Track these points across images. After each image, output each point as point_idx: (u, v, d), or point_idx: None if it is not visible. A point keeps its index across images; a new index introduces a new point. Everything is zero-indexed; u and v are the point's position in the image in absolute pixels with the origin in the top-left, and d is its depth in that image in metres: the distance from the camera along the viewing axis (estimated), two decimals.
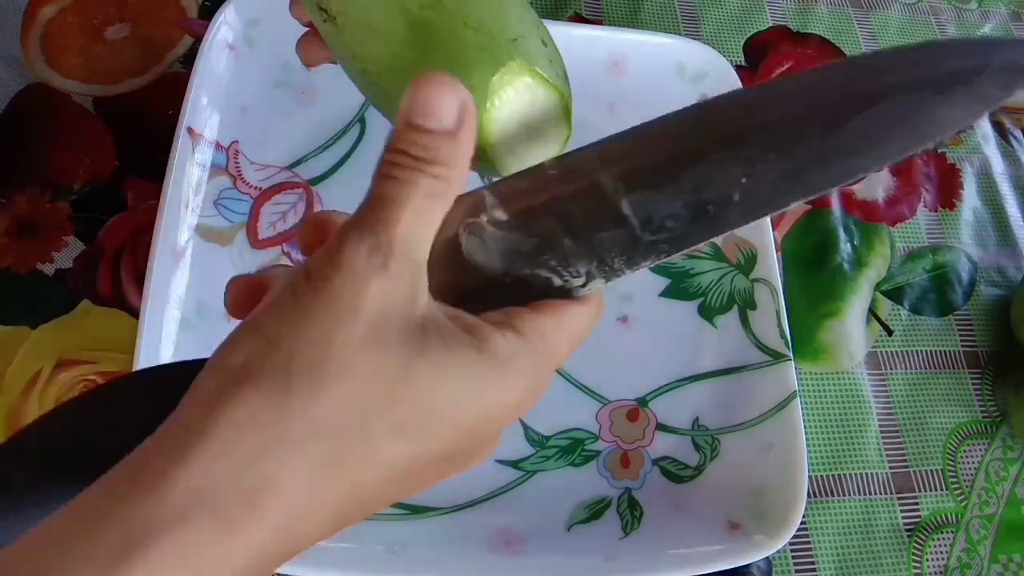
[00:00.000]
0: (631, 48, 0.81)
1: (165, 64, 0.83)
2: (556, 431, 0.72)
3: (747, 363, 0.74)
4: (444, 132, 0.35)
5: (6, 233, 0.73)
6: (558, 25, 0.77)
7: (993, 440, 0.82)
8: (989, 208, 0.94)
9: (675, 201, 0.38)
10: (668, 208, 0.38)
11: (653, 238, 0.38)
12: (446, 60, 0.41)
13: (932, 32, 1.05)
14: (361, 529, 0.64)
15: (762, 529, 0.66)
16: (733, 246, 0.79)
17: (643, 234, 0.38)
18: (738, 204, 0.38)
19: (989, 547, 0.77)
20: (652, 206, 0.38)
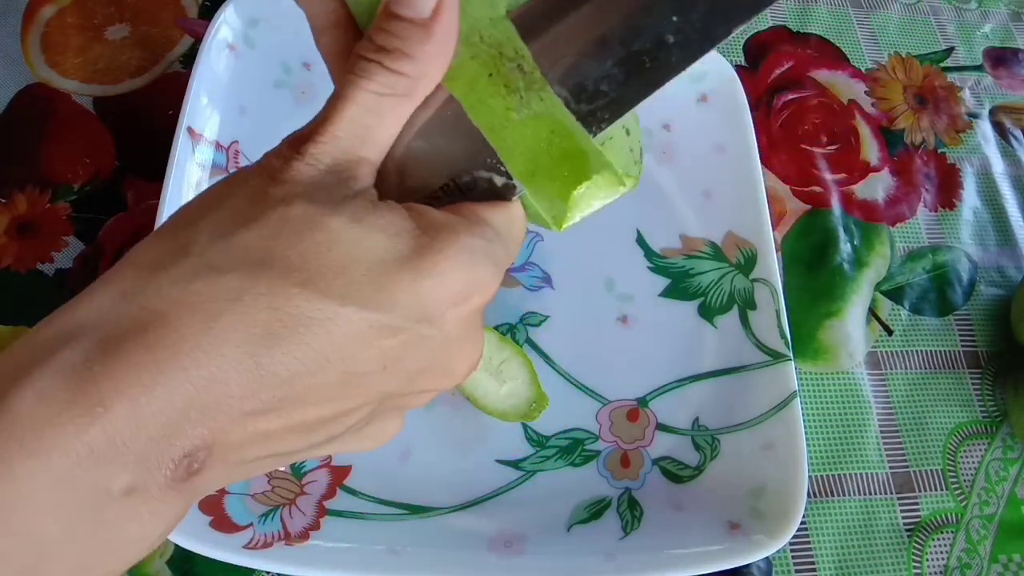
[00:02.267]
0: None
1: (165, 64, 0.83)
2: (556, 431, 0.72)
3: (747, 363, 0.74)
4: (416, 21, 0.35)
5: (6, 233, 0.73)
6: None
7: (993, 440, 0.81)
8: (989, 208, 0.94)
9: (604, 62, 0.37)
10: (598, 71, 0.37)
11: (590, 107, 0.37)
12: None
13: (932, 32, 1.05)
14: (361, 529, 0.65)
15: (762, 529, 0.66)
16: (733, 246, 0.79)
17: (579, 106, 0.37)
18: (674, 45, 0.36)
19: (989, 547, 0.77)
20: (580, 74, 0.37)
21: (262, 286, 0.31)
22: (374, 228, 0.33)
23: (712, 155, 0.82)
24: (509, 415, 0.69)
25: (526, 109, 0.36)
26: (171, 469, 0.30)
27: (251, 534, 0.61)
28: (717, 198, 0.81)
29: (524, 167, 0.37)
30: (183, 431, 0.30)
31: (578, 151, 0.36)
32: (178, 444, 0.30)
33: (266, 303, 0.31)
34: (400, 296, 0.33)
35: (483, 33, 0.37)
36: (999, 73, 1.03)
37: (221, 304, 0.30)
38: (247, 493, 0.64)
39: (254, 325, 0.31)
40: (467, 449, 0.70)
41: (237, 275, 0.31)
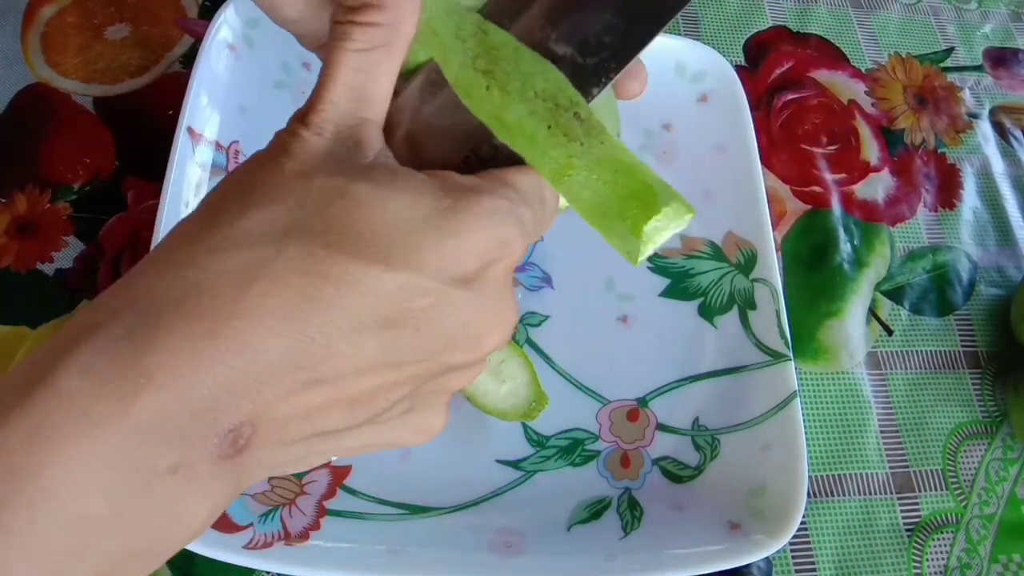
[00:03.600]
0: None
1: (165, 64, 0.83)
2: (556, 431, 0.72)
3: (747, 363, 0.74)
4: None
5: (6, 233, 0.73)
6: None
7: (993, 440, 0.81)
8: (989, 208, 0.94)
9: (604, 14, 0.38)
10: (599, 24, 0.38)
11: (596, 60, 0.38)
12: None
13: (932, 32, 1.05)
14: (361, 529, 0.65)
15: (762, 529, 0.66)
16: (733, 245, 0.79)
17: (585, 61, 0.38)
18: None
19: (989, 547, 0.77)
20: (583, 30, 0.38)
21: (291, 251, 0.32)
22: (396, 191, 0.34)
23: (712, 155, 0.82)
24: (509, 415, 0.69)
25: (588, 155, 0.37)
26: (216, 445, 0.31)
27: (251, 534, 0.61)
28: (717, 198, 0.81)
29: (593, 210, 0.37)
30: (226, 404, 0.30)
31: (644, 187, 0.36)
32: (222, 419, 0.31)
33: (296, 267, 0.31)
34: (426, 255, 0.33)
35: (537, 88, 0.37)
36: (999, 73, 1.03)
37: (253, 271, 0.31)
38: (247, 493, 0.64)
39: (286, 289, 0.31)
40: (467, 449, 0.70)
41: (266, 244, 0.32)
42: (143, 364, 0.29)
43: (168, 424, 0.29)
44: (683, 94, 0.83)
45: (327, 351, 0.32)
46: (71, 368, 0.29)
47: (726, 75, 0.82)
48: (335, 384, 0.33)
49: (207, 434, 0.30)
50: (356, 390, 0.34)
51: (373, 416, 0.36)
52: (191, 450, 0.30)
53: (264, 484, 0.65)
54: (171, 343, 0.29)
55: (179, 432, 0.30)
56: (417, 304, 0.33)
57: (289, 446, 0.34)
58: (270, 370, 0.31)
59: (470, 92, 0.38)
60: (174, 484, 0.30)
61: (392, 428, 0.38)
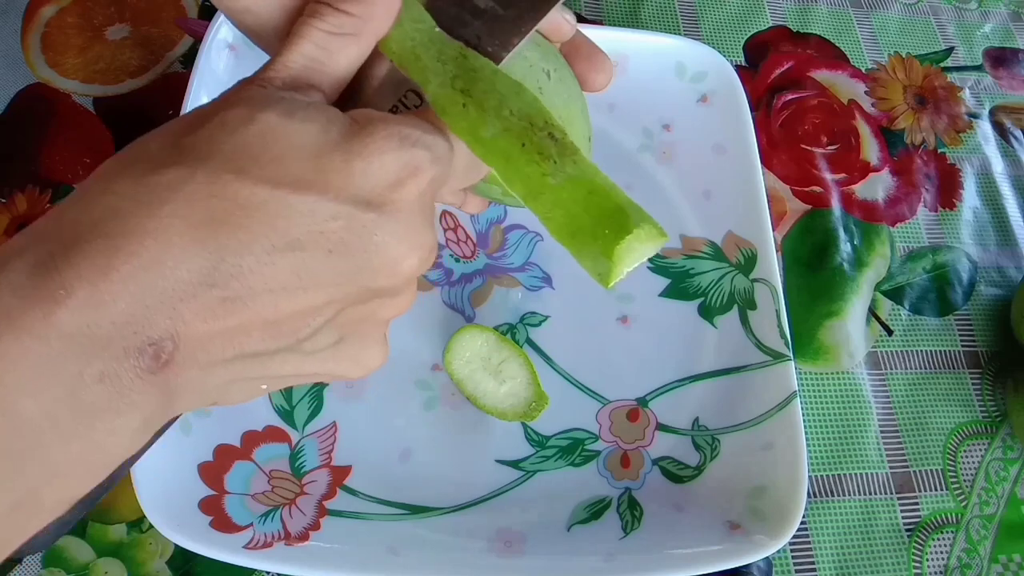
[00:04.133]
0: (631, 48, 0.81)
1: (165, 64, 0.83)
2: (556, 431, 0.72)
3: (747, 363, 0.74)
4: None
5: (6, 233, 0.73)
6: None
7: (993, 440, 0.81)
8: (989, 208, 0.94)
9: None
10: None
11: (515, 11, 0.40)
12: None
13: (932, 32, 1.05)
14: (361, 529, 0.65)
15: (762, 529, 0.66)
16: (733, 245, 0.79)
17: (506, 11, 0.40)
18: None
19: (989, 547, 0.77)
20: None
21: (200, 175, 0.33)
22: (306, 119, 0.35)
23: (712, 155, 0.82)
24: (509, 415, 0.70)
25: (561, 174, 0.37)
26: (137, 356, 0.32)
27: (251, 534, 0.62)
28: (717, 198, 0.81)
29: (565, 230, 0.37)
30: (144, 318, 0.31)
31: (616, 208, 0.36)
32: (142, 331, 0.32)
33: (205, 191, 0.32)
34: (333, 177, 0.34)
35: (512, 107, 0.38)
36: (999, 73, 1.03)
37: (165, 194, 0.32)
38: (247, 493, 0.64)
39: (195, 212, 0.32)
40: (467, 449, 0.70)
41: (179, 168, 0.33)
42: (62, 278, 0.30)
43: (90, 333, 0.30)
44: (683, 94, 0.83)
45: (238, 270, 0.33)
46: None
47: (726, 75, 0.82)
48: (250, 303, 0.33)
49: (129, 346, 0.31)
50: (273, 311, 0.34)
51: (297, 341, 0.36)
52: (115, 360, 0.31)
53: (265, 484, 0.65)
54: (87, 259, 0.31)
55: (101, 342, 0.31)
56: (327, 227, 0.34)
57: (214, 367, 0.35)
58: (183, 287, 0.32)
59: (447, 109, 0.38)
60: (102, 393, 0.31)
61: (323, 358, 0.39)
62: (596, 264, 0.37)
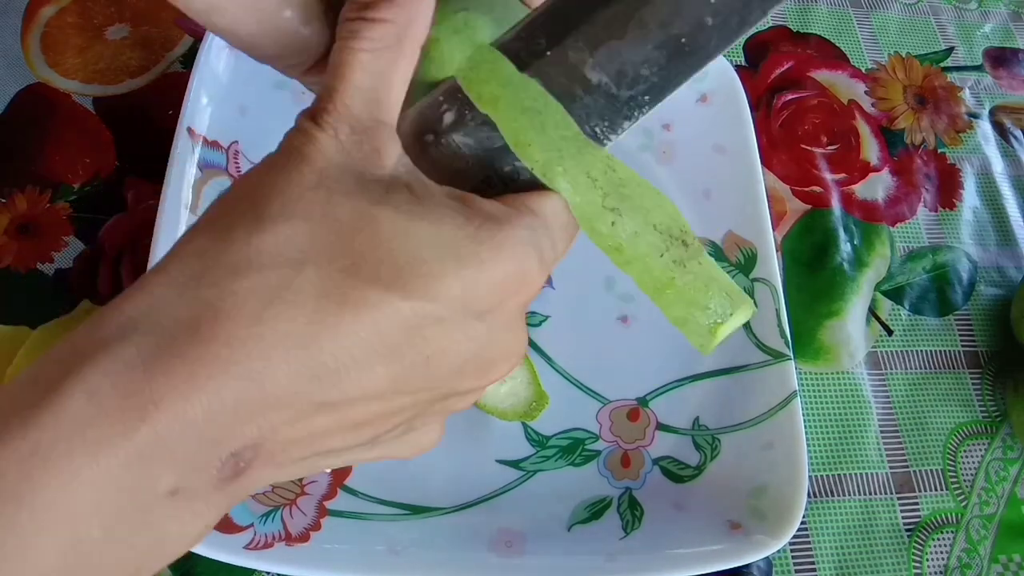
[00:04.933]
0: None
1: (165, 64, 0.83)
2: (556, 431, 0.72)
3: (747, 363, 0.74)
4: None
5: (6, 233, 0.73)
6: None
7: (993, 440, 0.81)
8: (989, 208, 0.94)
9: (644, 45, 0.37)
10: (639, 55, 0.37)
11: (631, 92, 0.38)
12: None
13: (932, 32, 1.05)
14: (362, 529, 0.65)
15: (763, 529, 0.66)
16: (733, 245, 0.79)
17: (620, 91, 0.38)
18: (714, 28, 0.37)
19: (989, 547, 0.77)
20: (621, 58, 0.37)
21: (309, 274, 0.31)
22: (418, 217, 0.33)
23: (712, 155, 0.82)
24: (509, 414, 0.69)
25: (688, 275, 0.38)
26: (218, 469, 0.30)
27: (252, 535, 0.61)
28: (717, 198, 0.81)
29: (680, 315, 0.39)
30: (232, 430, 0.30)
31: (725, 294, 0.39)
32: (227, 443, 0.30)
33: (313, 291, 0.31)
34: (444, 285, 0.33)
35: (656, 222, 0.38)
36: (999, 73, 1.03)
37: (270, 294, 0.30)
38: None
39: (302, 314, 0.30)
40: (467, 449, 0.70)
41: (284, 266, 0.31)
42: (151, 390, 0.28)
43: (172, 449, 0.29)
44: (683, 94, 0.81)
45: (337, 377, 0.31)
46: (76, 390, 0.28)
47: (726, 75, 0.82)
48: (342, 409, 0.32)
49: (211, 459, 0.30)
50: (362, 415, 0.33)
51: (374, 437, 0.36)
52: (193, 473, 0.30)
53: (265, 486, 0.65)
54: (182, 369, 0.29)
55: (183, 457, 0.29)
56: (430, 334, 0.33)
57: (289, 466, 0.34)
58: (279, 395, 0.30)
59: (595, 225, 0.38)
60: (171, 506, 0.30)
61: (388, 446, 0.38)
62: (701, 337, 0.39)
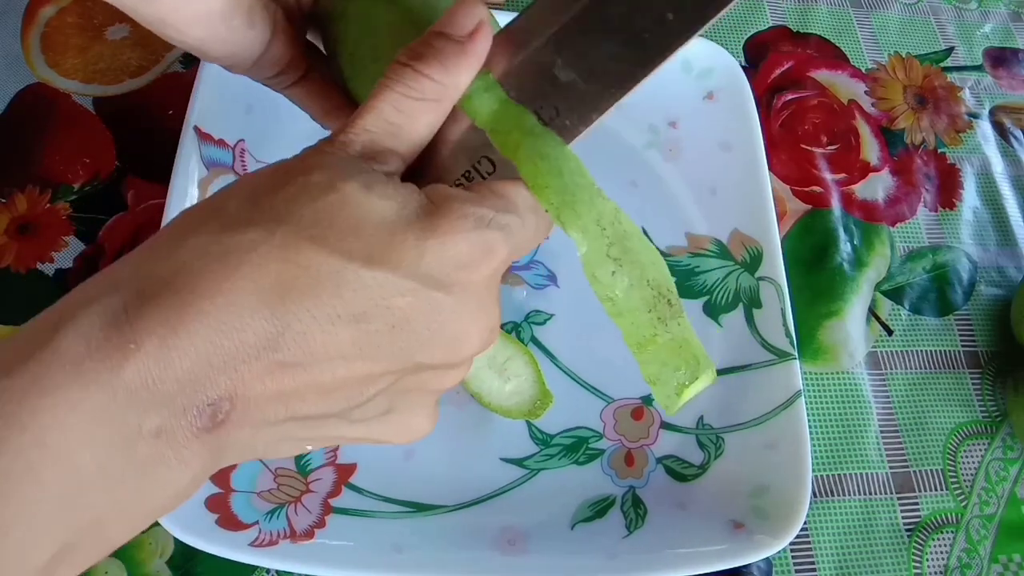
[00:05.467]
0: None
1: (165, 64, 0.83)
2: (560, 429, 0.72)
3: (752, 362, 0.74)
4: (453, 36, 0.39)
5: (6, 233, 0.73)
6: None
7: (993, 440, 0.82)
8: (989, 208, 0.94)
9: (608, 43, 0.40)
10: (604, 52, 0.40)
11: (599, 87, 0.40)
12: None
13: (932, 32, 1.05)
14: (366, 527, 0.65)
15: (765, 528, 0.66)
16: (739, 244, 0.79)
17: (588, 86, 0.40)
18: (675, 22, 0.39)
19: (989, 547, 0.77)
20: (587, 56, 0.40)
21: (276, 239, 0.33)
22: (385, 196, 0.36)
23: (718, 152, 0.82)
24: (513, 412, 0.70)
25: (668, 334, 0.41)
26: (196, 416, 0.32)
27: (257, 532, 0.62)
28: (723, 195, 0.81)
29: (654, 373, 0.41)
30: (207, 377, 0.32)
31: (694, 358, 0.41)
32: (202, 391, 0.32)
33: (279, 255, 0.33)
34: (405, 255, 0.35)
35: (649, 277, 0.40)
36: (999, 73, 1.04)
37: (240, 255, 0.33)
38: (253, 491, 0.64)
39: (268, 275, 0.33)
40: (472, 447, 0.71)
41: (256, 229, 0.33)
42: (133, 332, 0.31)
43: (154, 389, 0.31)
44: (689, 91, 0.83)
45: (302, 337, 0.33)
46: (69, 332, 0.31)
47: (732, 72, 0.83)
48: (308, 369, 0.34)
49: (188, 404, 0.32)
50: (330, 378, 0.35)
51: (348, 407, 0.37)
52: (173, 417, 0.32)
53: (270, 482, 0.65)
54: (158, 315, 0.31)
55: (163, 398, 0.31)
56: (394, 302, 0.35)
57: (265, 427, 0.35)
58: (246, 349, 0.32)
59: (597, 272, 0.40)
60: (156, 447, 0.32)
61: (371, 425, 0.39)
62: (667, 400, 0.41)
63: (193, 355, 0.31)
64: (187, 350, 0.31)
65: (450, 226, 0.36)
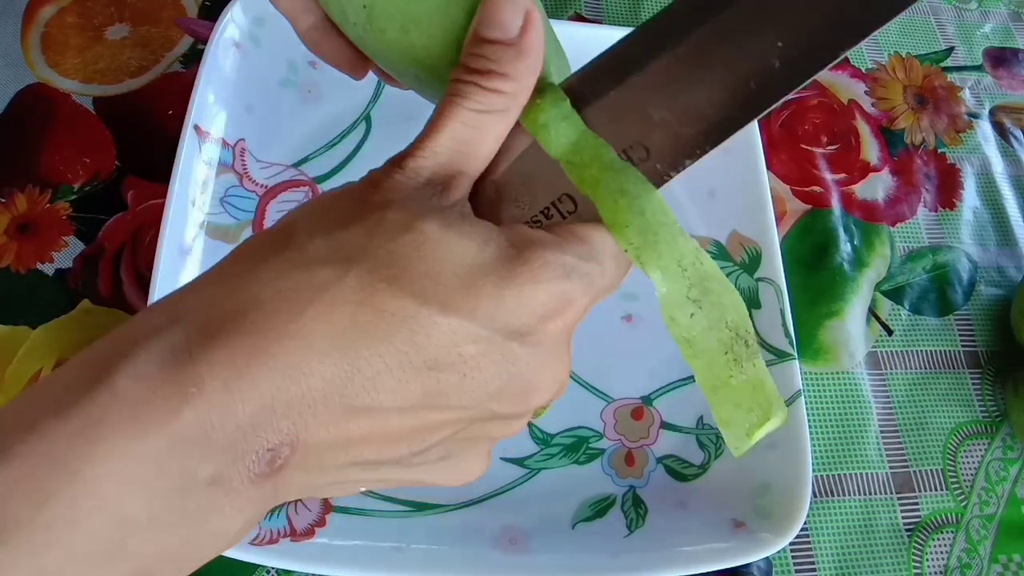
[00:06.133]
0: None
1: (165, 64, 0.83)
2: (561, 429, 0.72)
3: None
4: (505, 41, 0.36)
5: (6, 233, 0.73)
6: (559, 25, 0.78)
7: (993, 440, 0.82)
8: (989, 208, 0.94)
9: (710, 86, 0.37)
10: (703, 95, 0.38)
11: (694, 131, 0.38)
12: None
13: (932, 32, 1.05)
14: (366, 526, 0.65)
15: (766, 527, 0.66)
16: (738, 245, 0.79)
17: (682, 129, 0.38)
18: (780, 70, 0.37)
19: (989, 547, 0.77)
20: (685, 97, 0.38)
21: (351, 279, 0.32)
22: (463, 235, 0.34)
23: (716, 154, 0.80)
24: None
25: (743, 375, 0.40)
26: (254, 462, 0.31)
27: (257, 530, 0.62)
28: (721, 197, 0.81)
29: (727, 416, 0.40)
30: (269, 423, 0.31)
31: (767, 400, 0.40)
32: (263, 436, 0.31)
33: (353, 296, 0.32)
34: (482, 303, 0.33)
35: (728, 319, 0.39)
36: (999, 73, 1.04)
37: (311, 294, 0.31)
38: None
39: (341, 317, 0.31)
40: None
41: (329, 268, 0.32)
42: (195, 374, 0.29)
43: (212, 435, 0.30)
44: None
45: (372, 384, 0.32)
46: (126, 371, 0.29)
47: None
48: (375, 417, 0.33)
49: (248, 450, 0.31)
50: (396, 426, 0.34)
51: (409, 455, 0.36)
52: (231, 464, 0.30)
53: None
54: (224, 356, 0.30)
55: (222, 445, 0.30)
56: (467, 351, 0.33)
57: (324, 472, 0.34)
58: (314, 394, 0.31)
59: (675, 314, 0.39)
60: (211, 495, 0.30)
61: (427, 469, 0.38)
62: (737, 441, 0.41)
63: (257, 400, 0.30)
64: (251, 395, 0.30)
65: (531, 275, 0.34)
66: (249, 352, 0.30)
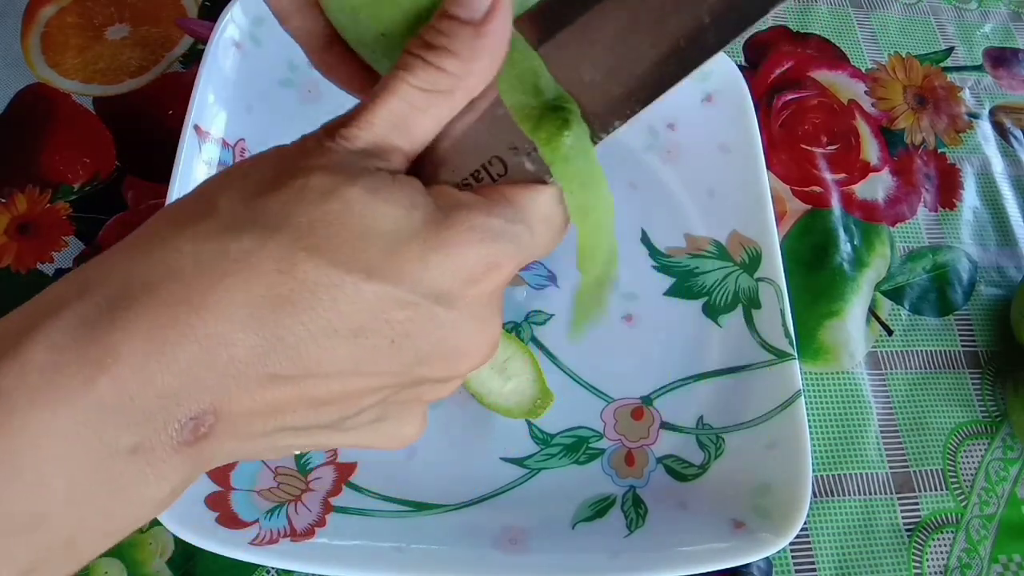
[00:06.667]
0: None
1: (165, 64, 0.83)
2: (561, 429, 0.72)
3: (752, 362, 0.74)
4: (467, 21, 0.35)
5: (6, 233, 0.73)
6: None
7: (993, 440, 0.82)
8: (989, 208, 0.94)
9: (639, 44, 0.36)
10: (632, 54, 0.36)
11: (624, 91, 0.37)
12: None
13: (932, 32, 1.05)
14: (367, 526, 0.65)
15: (766, 527, 0.66)
16: (738, 245, 0.79)
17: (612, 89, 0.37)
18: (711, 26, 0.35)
19: (989, 547, 0.77)
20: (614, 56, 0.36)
21: (271, 248, 0.31)
22: (388, 201, 0.33)
23: (716, 154, 0.82)
24: (514, 412, 0.70)
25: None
26: (177, 431, 0.31)
27: (257, 530, 0.62)
28: (721, 197, 0.81)
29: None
30: (190, 392, 0.30)
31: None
32: (185, 405, 0.30)
33: (273, 266, 0.31)
34: (408, 268, 0.33)
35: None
36: (999, 73, 1.04)
37: (230, 264, 0.31)
38: (253, 490, 0.64)
39: (260, 287, 0.31)
40: (472, 446, 0.71)
41: (249, 236, 0.31)
42: (110, 343, 0.29)
43: (130, 405, 0.29)
44: (687, 93, 0.83)
45: (295, 352, 0.32)
46: (38, 341, 0.29)
47: (731, 74, 0.83)
48: (301, 384, 0.33)
49: (169, 419, 0.30)
50: (323, 392, 0.33)
51: (340, 419, 0.36)
52: (152, 433, 0.30)
53: (270, 480, 0.65)
54: (140, 326, 0.29)
55: (141, 414, 0.30)
56: (394, 317, 0.33)
57: (251, 439, 0.34)
58: (235, 363, 0.31)
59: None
60: (132, 464, 0.30)
61: (361, 433, 0.38)
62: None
63: (176, 371, 0.30)
64: (171, 365, 0.29)
65: (458, 238, 0.34)
66: (166, 323, 0.30)
